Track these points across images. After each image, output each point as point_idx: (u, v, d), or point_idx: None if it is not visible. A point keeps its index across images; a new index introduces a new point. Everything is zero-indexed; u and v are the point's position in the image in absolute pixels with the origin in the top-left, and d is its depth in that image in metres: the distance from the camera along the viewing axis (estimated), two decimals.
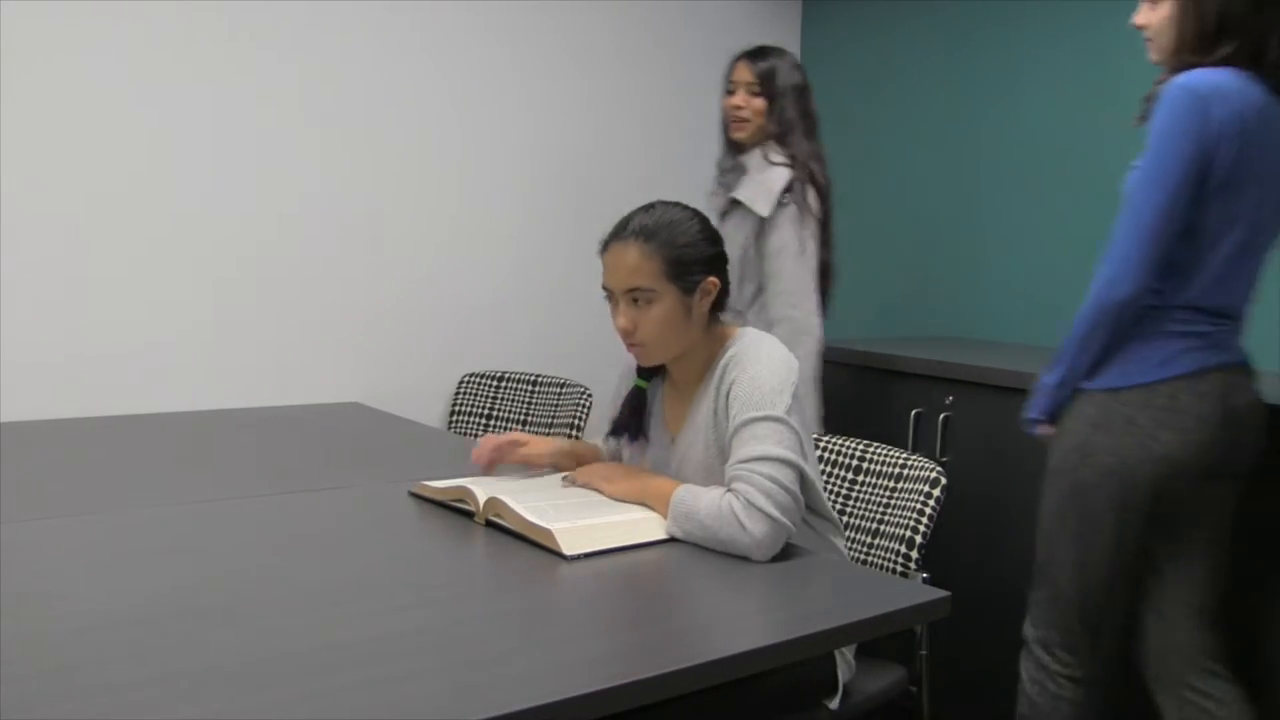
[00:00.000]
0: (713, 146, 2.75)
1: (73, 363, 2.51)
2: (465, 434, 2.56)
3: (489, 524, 1.64)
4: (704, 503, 1.58)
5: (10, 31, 2.38)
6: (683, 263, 1.69)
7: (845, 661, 1.74)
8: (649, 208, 1.75)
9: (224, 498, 1.81)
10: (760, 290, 2.51)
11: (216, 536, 1.59)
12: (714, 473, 1.71)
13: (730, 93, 2.54)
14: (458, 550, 1.56)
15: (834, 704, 1.71)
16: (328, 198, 2.82)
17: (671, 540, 1.59)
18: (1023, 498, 2.49)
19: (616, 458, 1.94)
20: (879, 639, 1.77)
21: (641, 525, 1.60)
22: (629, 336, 1.72)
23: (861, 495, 2.10)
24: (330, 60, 2.81)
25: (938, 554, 2.11)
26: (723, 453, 1.70)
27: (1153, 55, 1.95)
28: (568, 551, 1.48)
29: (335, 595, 1.35)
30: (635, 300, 1.69)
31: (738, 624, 1.29)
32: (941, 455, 2.51)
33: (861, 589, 1.45)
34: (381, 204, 2.89)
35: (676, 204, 1.76)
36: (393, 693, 1.04)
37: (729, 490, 1.59)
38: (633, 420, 1.86)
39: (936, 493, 1.98)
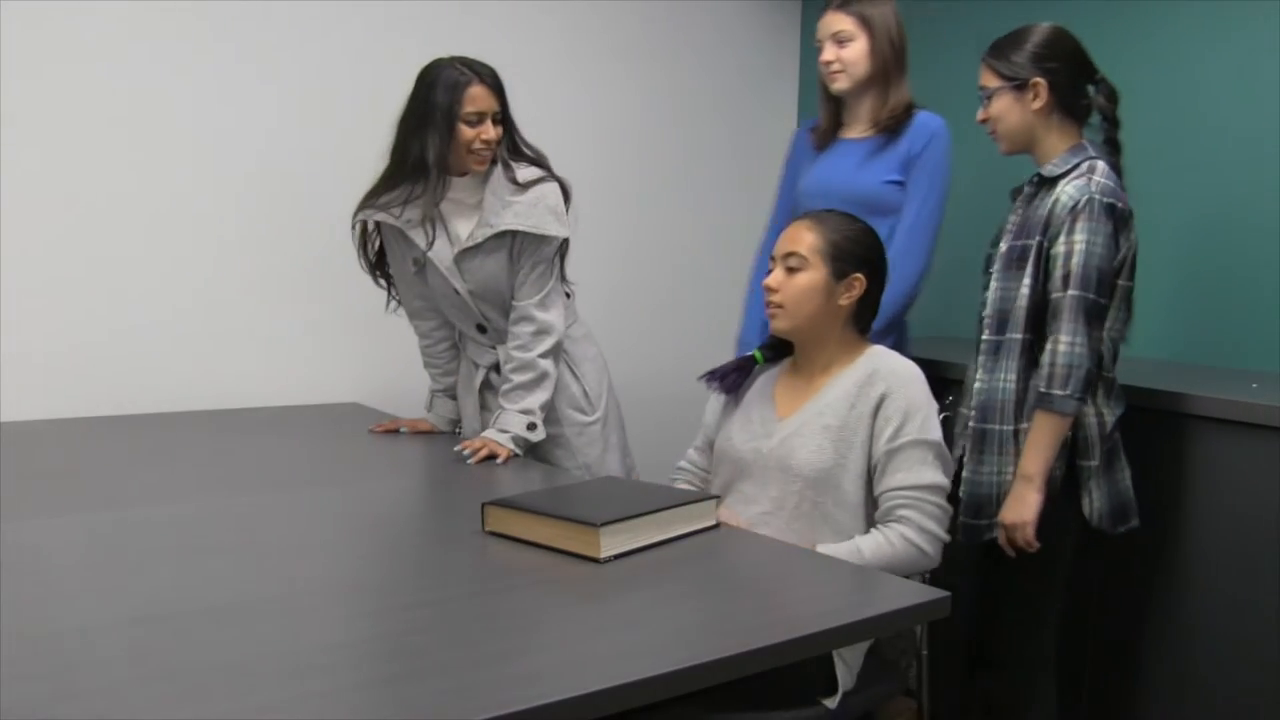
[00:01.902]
0: (711, 153, 2.73)
1: (73, 363, 2.51)
2: (465, 434, 2.56)
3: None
4: (869, 550, 1.74)
5: (11, 35, 2.38)
6: (840, 248, 1.86)
7: (845, 666, 1.74)
8: (831, 209, 1.95)
9: (224, 498, 1.81)
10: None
11: (216, 536, 1.59)
12: (826, 450, 1.81)
13: (472, 123, 2.14)
14: (458, 550, 1.56)
15: (832, 703, 1.71)
16: (327, 196, 2.81)
17: (684, 537, 1.61)
18: None
19: (710, 430, 2.05)
20: (879, 639, 1.78)
21: (671, 521, 1.62)
22: (771, 294, 1.88)
23: None
24: (339, 55, 2.81)
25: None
26: (844, 440, 1.81)
27: (843, 84, 2.41)
28: (604, 553, 1.48)
29: (335, 595, 1.35)
30: (789, 267, 1.87)
31: (737, 624, 1.29)
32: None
33: (861, 589, 1.45)
34: None
35: (854, 216, 1.93)
36: (393, 693, 1.04)
37: (898, 520, 1.76)
38: (733, 375, 2.01)
39: None
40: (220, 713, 0.98)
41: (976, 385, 2.10)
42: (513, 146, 2.25)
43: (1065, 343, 1.93)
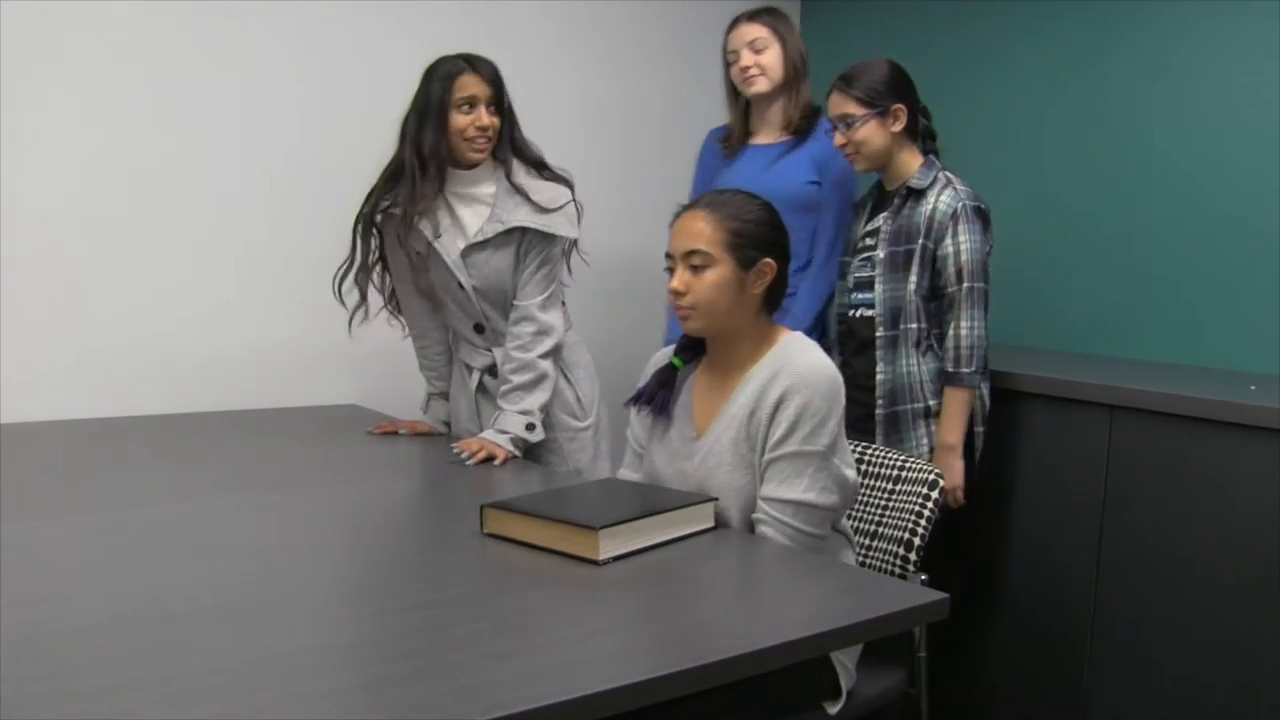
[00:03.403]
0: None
1: (73, 364, 2.51)
2: (456, 437, 2.56)
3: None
4: None
5: (14, 36, 2.38)
6: (743, 235, 1.75)
7: (845, 669, 1.74)
8: (720, 190, 1.83)
9: (223, 499, 1.81)
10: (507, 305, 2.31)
11: (216, 537, 1.59)
12: (739, 468, 1.75)
13: (465, 110, 2.18)
14: (457, 552, 1.56)
15: (834, 709, 1.71)
16: (326, 197, 2.82)
17: (683, 539, 1.61)
18: (1020, 499, 2.49)
19: (639, 441, 1.95)
20: (877, 641, 1.78)
21: (670, 524, 1.62)
22: (679, 299, 1.76)
23: (860, 497, 2.10)
24: (341, 60, 2.81)
25: (935, 556, 2.11)
26: (753, 450, 1.74)
27: (762, 87, 2.62)
28: (603, 555, 1.48)
29: (335, 596, 1.35)
30: (693, 266, 1.75)
31: (736, 626, 1.29)
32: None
33: (860, 591, 1.45)
34: None
35: (747, 192, 1.83)
36: (392, 694, 1.04)
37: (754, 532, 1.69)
38: (659, 393, 1.87)
39: (935, 494, 1.98)
40: (220, 713, 0.98)
41: (880, 376, 2.39)
42: (514, 144, 2.27)
43: (966, 327, 2.30)
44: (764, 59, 2.62)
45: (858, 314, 2.47)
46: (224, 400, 2.70)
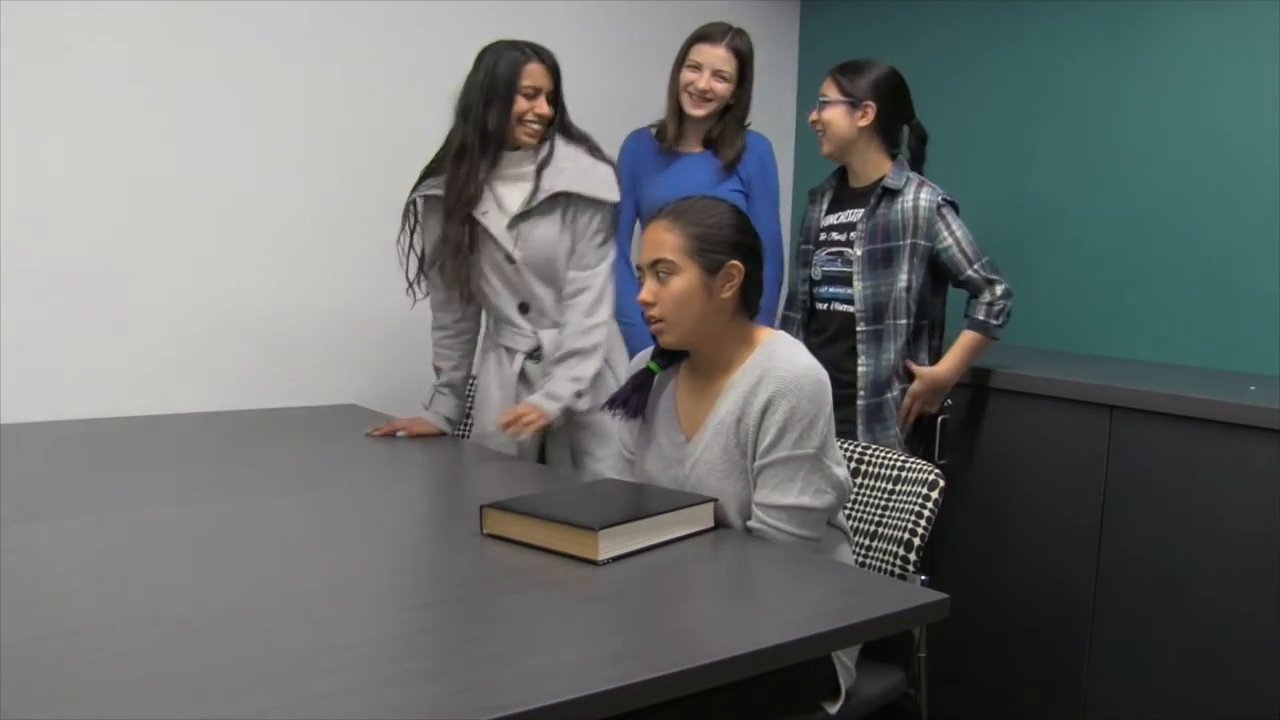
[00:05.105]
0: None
1: (73, 365, 2.51)
2: (463, 434, 2.55)
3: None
4: None
5: (14, 36, 2.38)
6: (706, 240, 1.72)
7: (845, 668, 1.74)
8: (686, 198, 1.80)
9: (223, 500, 1.81)
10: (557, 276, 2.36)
11: (215, 538, 1.59)
12: (732, 475, 1.74)
13: (529, 96, 2.27)
14: (457, 552, 1.56)
15: (834, 709, 1.71)
16: (325, 199, 2.82)
17: (682, 539, 1.62)
18: (1020, 499, 2.49)
19: (627, 448, 1.95)
20: (877, 641, 1.78)
21: (670, 524, 1.62)
22: (648, 309, 1.75)
23: (860, 497, 2.11)
24: (330, 58, 2.81)
25: (935, 556, 2.11)
26: (745, 457, 1.73)
27: (703, 112, 2.72)
28: (602, 556, 1.48)
29: (336, 597, 1.35)
30: (658, 275, 1.73)
31: (736, 626, 1.29)
32: (940, 457, 2.52)
33: (860, 591, 1.45)
34: (378, 206, 2.89)
35: (713, 197, 1.81)
36: (393, 694, 1.04)
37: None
38: (634, 397, 1.86)
39: (935, 495, 1.98)
40: (219, 714, 0.98)
41: (862, 369, 2.47)
42: (563, 127, 2.36)
43: (1001, 289, 2.45)
44: (720, 88, 2.70)
45: (830, 307, 2.56)
46: (224, 400, 2.70)
